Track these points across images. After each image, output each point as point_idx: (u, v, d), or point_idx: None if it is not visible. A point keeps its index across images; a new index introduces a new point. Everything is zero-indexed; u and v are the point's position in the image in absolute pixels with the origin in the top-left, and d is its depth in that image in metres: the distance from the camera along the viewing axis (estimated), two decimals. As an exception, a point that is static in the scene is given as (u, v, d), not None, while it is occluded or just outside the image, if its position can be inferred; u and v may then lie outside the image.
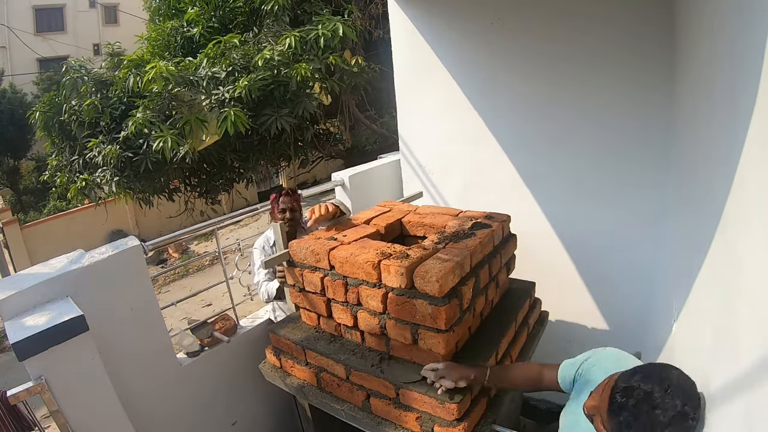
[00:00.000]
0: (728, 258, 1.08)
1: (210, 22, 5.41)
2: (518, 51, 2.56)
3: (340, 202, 2.12)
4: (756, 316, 0.84)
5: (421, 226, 2.14)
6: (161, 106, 4.52)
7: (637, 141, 2.32)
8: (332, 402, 1.81)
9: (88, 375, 1.68)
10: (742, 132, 0.98)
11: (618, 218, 2.48)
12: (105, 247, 1.96)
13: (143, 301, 2.04)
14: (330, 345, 1.86)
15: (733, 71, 1.12)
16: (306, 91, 4.60)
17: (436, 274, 1.49)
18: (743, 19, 1.04)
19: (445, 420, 1.51)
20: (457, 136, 2.91)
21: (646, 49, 2.18)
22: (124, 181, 5.06)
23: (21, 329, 1.53)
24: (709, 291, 1.26)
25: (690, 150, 1.75)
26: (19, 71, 16.47)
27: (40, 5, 18.65)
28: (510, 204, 2.45)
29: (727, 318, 1.03)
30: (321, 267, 1.83)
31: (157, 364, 2.15)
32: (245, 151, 5.38)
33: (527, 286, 2.21)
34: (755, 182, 0.91)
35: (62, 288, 1.76)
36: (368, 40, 5.90)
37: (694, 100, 1.69)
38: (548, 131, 2.58)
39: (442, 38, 2.83)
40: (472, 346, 1.74)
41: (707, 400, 1.04)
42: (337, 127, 6.97)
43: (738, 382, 0.89)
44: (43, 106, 5.60)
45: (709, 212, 1.28)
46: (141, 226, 11.93)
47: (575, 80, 2.41)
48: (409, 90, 3.09)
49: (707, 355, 1.16)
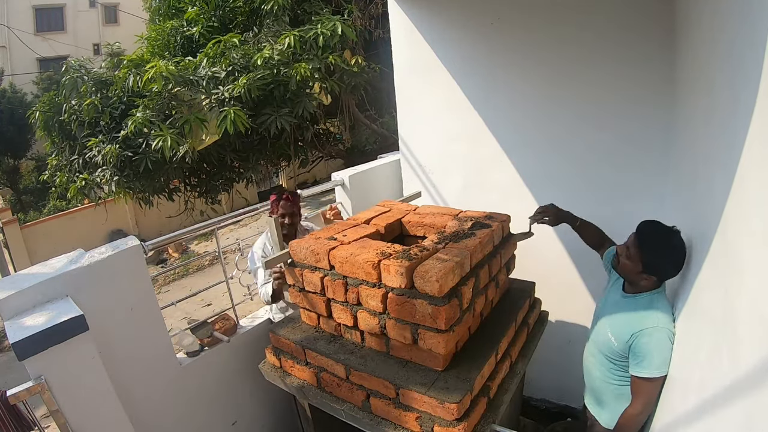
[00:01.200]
0: (728, 258, 1.08)
1: (210, 21, 5.41)
2: (518, 50, 2.56)
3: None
4: (756, 316, 0.84)
5: (421, 226, 2.14)
6: (161, 105, 4.52)
7: (638, 140, 2.32)
8: (332, 402, 1.81)
9: (88, 375, 1.68)
10: (742, 132, 0.98)
11: (618, 218, 2.47)
12: (105, 247, 1.96)
13: (143, 301, 2.04)
14: (330, 345, 1.86)
15: (733, 71, 1.12)
16: (306, 91, 4.60)
17: (436, 274, 1.49)
18: (743, 18, 1.04)
19: (444, 420, 1.51)
20: (457, 135, 2.91)
21: (647, 48, 2.17)
22: (124, 181, 5.06)
23: (21, 329, 1.53)
24: (709, 291, 1.26)
25: (690, 150, 1.75)
26: (19, 71, 16.47)
27: (40, 5, 18.64)
28: (510, 204, 2.45)
29: (727, 318, 1.03)
30: (321, 267, 1.83)
31: (157, 364, 2.15)
32: (245, 151, 5.38)
33: (527, 286, 2.21)
34: (755, 182, 0.91)
35: (62, 288, 1.76)
36: (368, 40, 5.90)
37: (694, 99, 1.69)
38: (548, 131, 2.57)
39: (442, 38, 2.83)
40: (472, 346, 1.74)
41: (707, 399, 1.04)
42: (337, 127, 6.97)
43: (738, 382, 0.89)
44: (42, 106, 5.60)
45: (709, 212, 1.28)
46: (141, 226, 11.93)
47: (575, 79, 2.41)
48: (409, 89, 3.09)
49: (707, 355, 1.16)
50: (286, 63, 4.41)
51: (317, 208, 3.27)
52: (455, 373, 1.60)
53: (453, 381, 1.56)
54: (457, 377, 1.58)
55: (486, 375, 1.68)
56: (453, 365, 1.64)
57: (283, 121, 4.43)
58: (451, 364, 1.64)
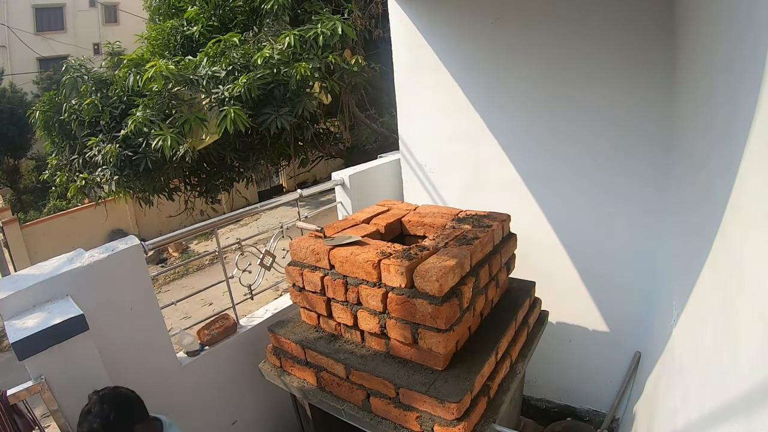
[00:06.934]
0: (728, 258, 1.08)
1: (210, 21, 5.41)
2: (518, 49, 2.56)
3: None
4: (756, 316, 0.84)
5: (421, 226, 2.14)
6: (161, 104, 4.52)
7: (638, 141, 2.32)
8: (332, 401, 1.81)
9: (88, 374, 1.68)
10: (742, 132, 0.98)
11: (619, 218, 2.48)
12: (105, 247, 1.96)
13: (143, 301, 2.04)
14: (330, 344, 1.86)
15: (734, 71, 1.12)
16: (306, 91, 4.60)
17: (436, 273, 1.49)
18: (741, 13, 1.04)
19: (444, 419, 1.51)
20: (457, 135, 2.91)
21: (649, 47, 2.17)
22: (124, 180, 5.07)
23: (21, 328, 1.53)
24: (709, 291, 1.26)
25: (691, 150, 1.75)
26: (19, 70, 16.46)
27: (40, 4, 18.62)
28: (510, 203, 2.45)
29: (727, 318, 1.03)
30: (321, 266, 1.83)
31: (157, 364, 2.14)
32: (245, 151, 5.39)
33: (527, 285, 2.21)
34: (755, 182, 0.91)
35: (62, 287, 1.75)
36: (368, 40, 5.90)
37: (695, 99, 1.69)
38: (549, 130, 2.57)
39: (442, 37, 2.83)
40: (472, 345, 1.74)
41: (707, 400, 1.04)
42: (337, 126, 6.98)
43: (739, 382, 0.89)
44: (43, 106, 5.59)
45: (709, 212, 1.28)
46: (141, 226, 11.92)
47: (576, 78, 2.41)
48: (409, 89, 3.09)
49: (707, 355, 1.16)
50: (286, 62, 4.41)
51: (317, 208, 3.27)
52: (455, 372, 1.60)
53: (453, 380, 1.56)
54: (457, 377, 1.58)
55: (486, 374, 1.68)
56: (453, 365, 1.64)
57: (283, 120, 4.44)
58: (451, 364, 1.64)
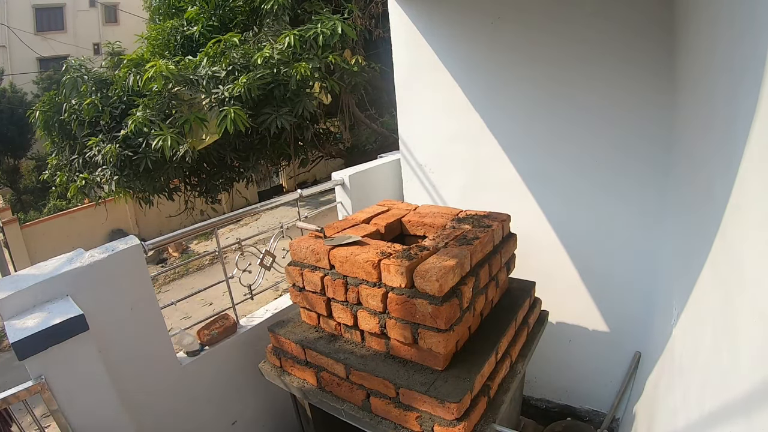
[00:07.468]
0: (728, 258, 1.08)
1: (210, 21, 5.41)
2: (518, 49, 2.56)
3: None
4: (756, 316, 0.84)
5: (421, 226, 2.14)
6: (161, 104, 4.52)
7: (638, 141, 2.32)
8: (332, 401, 1.81)
9: (88, 374, 1.68)
10: (742, 132, 0.98)
11: (619, 218, 2.48)
12: (105, 247, 1.96)
13: (143, 301, 2.04)
14: (330, 344, 1.86)
15: (734, 71, 1.12)
16: (306, 90, 4.60)
17: (436, 273, 1.49)
18: (742, 13, 1.04)
19: (444, 419, 1.51)
20: (457, 135, 2.91)
21: (649, 47, 2.17)
22: (124, 180, 5.07)
23: (21, 328, 1.53)
24: (709, 291, 1.26)
25: (691, 150, 1.75)
26: (19, 70, 16.46)
27: (40, 4, 18.63)
28: (510, 203, 2.45)
29: (727, 318, 1.03)
30: (321, 266, 1.83)
31: (157, 364, 2.14)
32: (245, 151, 5.39)
33: (527, 285, 2.21)
34: (755, 182, 0.91)
35: (62, 287, 1.75)
36: (368, 40, 5.90)
37: (695, 99, 1.69)
38: (549, 130, 2.57)
39: (443, 37, 2.83)
40: (472, 345, 1.74)
41: (707, 400, 1.04)
42: (337, 126, 6.98)
43: (739, 382, 0.89)
44: (43, 105, 5.60)
45: (709, 212, 1.28)
46: (141, 226, 11.93)
47: (576, 78, 2.41)
48: (409, 89, 3.09)
49: (707, 355, 1.16)
50: (286, 62, 4.42)
51: (317, 208, 3.26)
52: (455, 372, 1.60)
53: (453, 380, 1.56)
54: (457, 377, 1.58)
55: (486, 374, 1.68)
56: (453, 365, 1.64)
57: (283, 120, 4.44)
58: (451, 364, 1.64)
